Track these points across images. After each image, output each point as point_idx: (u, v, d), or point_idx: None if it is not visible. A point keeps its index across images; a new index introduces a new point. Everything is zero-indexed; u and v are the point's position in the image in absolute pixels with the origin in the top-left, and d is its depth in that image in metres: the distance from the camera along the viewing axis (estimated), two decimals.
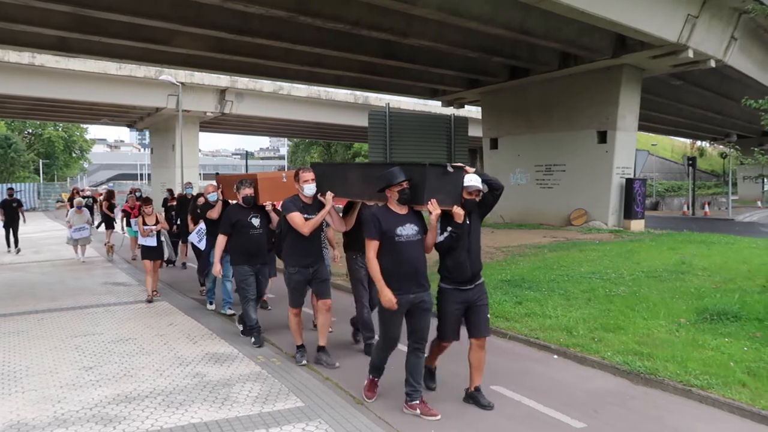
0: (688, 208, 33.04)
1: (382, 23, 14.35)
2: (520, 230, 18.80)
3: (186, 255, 12.78)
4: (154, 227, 9.24)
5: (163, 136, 37.95)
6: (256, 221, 6.57)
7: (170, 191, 15.00)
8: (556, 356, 5.88)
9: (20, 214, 15.93)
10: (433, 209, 4.31)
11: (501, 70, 20.43)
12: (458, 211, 4.40)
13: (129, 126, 43.42)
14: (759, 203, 40.76)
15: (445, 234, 4.47)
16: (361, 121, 27.71)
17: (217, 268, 6.59)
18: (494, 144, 23.12)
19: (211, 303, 8.50)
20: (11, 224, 15.71)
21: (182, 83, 30.00)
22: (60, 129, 58.13)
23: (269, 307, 8.39)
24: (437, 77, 21.08)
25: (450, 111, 25.57)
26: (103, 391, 5.02)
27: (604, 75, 18.60)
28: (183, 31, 14.58)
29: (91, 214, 17.86)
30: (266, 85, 34.04)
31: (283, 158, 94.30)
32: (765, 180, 28.83)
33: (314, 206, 5.54)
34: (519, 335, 6.45)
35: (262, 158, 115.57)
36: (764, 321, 6.59)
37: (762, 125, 9.82)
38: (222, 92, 34.21)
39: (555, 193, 20.40)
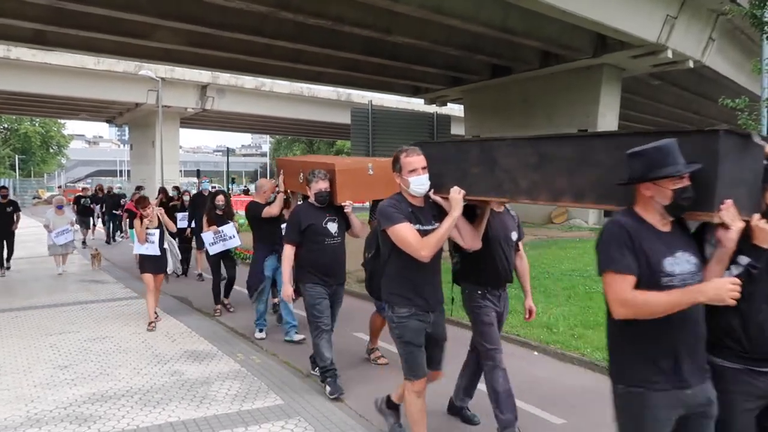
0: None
1: (364, 20, 14.31)
2: None
3: (200, 265, 10.83)
4: (153, 216, 7.46)
5: (143, 132, 37.52)
6: (333, 227, 4.91)
7: (177, 189, 13.48)
8: (536, 353, 5.90)
9: (15, 222, 11.77)
10: (731, 220, 2.20)
11: (483, 68, 20.49)
12: (763, 226, 2.34)
13: (108, 122, 42.88)
14: None
15: (739, 268, 2.36)
16: (344, 118, 27.63)
17: (288, 291, 4.91)
18: None
19: (261, 330, 6.67)
20: (4, 236, 11.56)
21: (162, 78, 29.68)
22: (37, 124, 57.18)
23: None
24: (420, 75, 21.10)
25: (433, 109, 25.65)
26: (79, 390, 4.93)
27: (584, 74, 18.76)
28: (163, 26, 14.40)
29: (92, 215, 17.02)
30: (248, 81, 33.82)
31: (265, 155, 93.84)
32: None
33: (427, 211, 3.42)
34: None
35: (244, 155, 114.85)
36: None
37: (738, 125, 9.97)
38: (203, 88, 33.92)
39: None
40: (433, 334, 3.49)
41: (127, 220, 12.59)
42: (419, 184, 3.33)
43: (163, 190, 12.39)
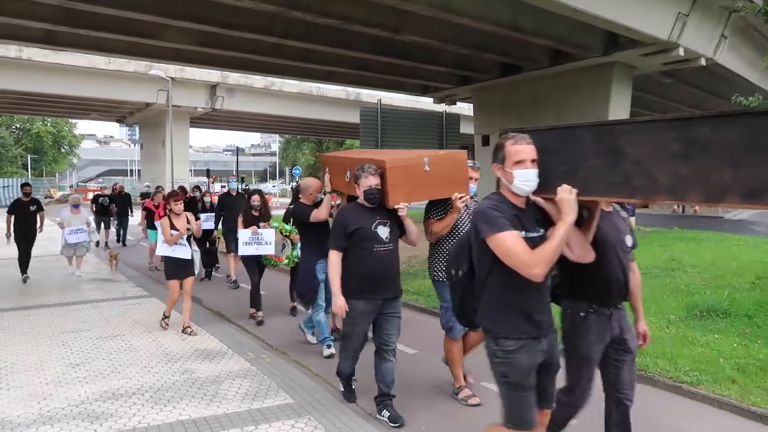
0: (677, 206, 33.20)
1: (373, 19, 14.28)
2: None
3: (234, 270, 10.01)
4: (185, 231, 6.72)
5: (153, 131, 37.73)
6: (383, 232, 4.29)
7: (198, 188, 12.73)
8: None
9: (39, 223, 11.02)
10: None
11: (492, 67, 20.40)
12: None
13: (119, 121, 43.16)
14: None
15: None
16: (353, 117, 27.65)
17: (340, 302, 4.24)
18: (486, 141, 23.12)
19: (329, 346, 6.06)
20: (26, 239, 10.69)
21: (172, 78, 29.83)
22: (48, 124, 57.65)
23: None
24: (429, 74, 21.04)
25: (442, 108, 25.60)
26: (90, 387, 4.96)
27: (595, 72, 18.63)
28: (172, 25, 14.44)
29: (109, 215, 15.77)
30: (257, 80, 33.89)
31: (275, 155, 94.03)
32: None
33: (531, 215, 2.86)
34: None
35: (253, 155, 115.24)
36: (753, 317, 6.62)
37: None
38: (213, 87, 34.04)
39: None
40: (546, 361, 2.87)
41: (145, 220, 11.91)
42: (526, 179, 2.72)
43: (182, 189, 11.65)
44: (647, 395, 4.81)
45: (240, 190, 11.11)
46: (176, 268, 6.76)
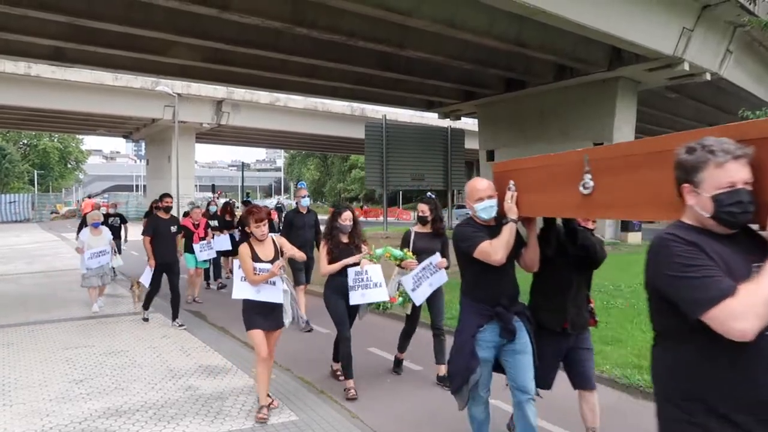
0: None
1: (378, 35, 14.37)
2: None
3: (304, 307, 7.45)
4: (278, 264, 4.61)
5: (160, 147, 37.94)
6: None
7: (247, 201, 11.86)
8: None
9: (122, 236, 11.27)
10: None
11: (497, 82, 20.47)
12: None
13: (125, 137, 43.44)
14: None
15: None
16: (358, 132, 27.72)
17: None
18: (491, 156, 23.15)
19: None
20: (167, 268, 8.18)
21: (179, 94, 30.05)
22: (55, 140, 58.09)
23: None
24: (433, 89, 21.12)
25: (446, 123, 25.66)
26: (93, 404, 4.92)
27: (600, 87, 18.67)
28: (179, 42, 14.56)
29: (118, 237, 12.18)
30: (263, 96, 34.10)
31: (280, 170, 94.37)
32: None
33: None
34: None
35: (259, 170, 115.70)
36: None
37: None
38: (219, 103, 34.26)
39: None
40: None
41: (183, 240, 9.58)
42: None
43: (226, 206, 11.15)
44: (651, 410, 4.73)
45: (276, 206, 10.43)
46: (262, 316, 4.70)
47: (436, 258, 5.24)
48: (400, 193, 52.70)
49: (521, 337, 3.52)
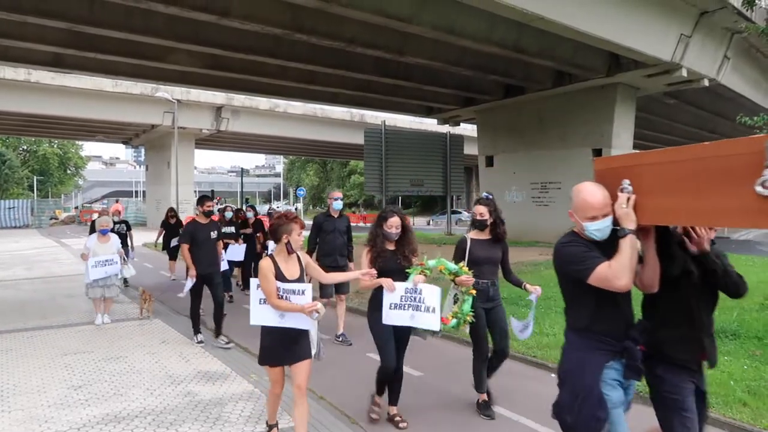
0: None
1: (377, 41, 14.42)
2: (516, 248, 18.65)
3: (343, 325, 7.41)
4: (312, 307, 3.76)
5: (159, 153, 37.97)
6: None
7: (252, 207, 11.40)
8: (553, 374, 5.79)
9: (128, 244, 11.18)
10: None
11: (496, 88, 20.53)
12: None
13: (124, 143, 43.46)
14: None
15: None
16: (357, 138, 27.78)
17: None
18: (490, 162, 23.19)
19: None
20: (208, 280, 7.33)
21: (178, 100, 30.12)
22: (55, 146, 58.11)
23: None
24: (432, 95, 21.18)
25: (446, 129, 25.71)
26: (92, 410, 4.90)
27: (598, 93, 18.73)
28: (178, 48, 14.61)
29: (125, 245, 11.06)
30: (262, 102, 34.18)
31: (279, 175, 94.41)
32: None
33: None
34: (516, 353, 6.37)
35: (258, 176, 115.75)
36: (763, 339, 6.53)
37: None
38: (218, 109, 34.32)
39: (551, 211, 20.41)
40: None
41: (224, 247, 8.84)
42: None
43: (238, 212, 10.59)
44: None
45: (268, 212, 9.82)
46: (283, 348, 3.88)
47: (535, 295, 4.77)
48: (400, 198, 52.74)
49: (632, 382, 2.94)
